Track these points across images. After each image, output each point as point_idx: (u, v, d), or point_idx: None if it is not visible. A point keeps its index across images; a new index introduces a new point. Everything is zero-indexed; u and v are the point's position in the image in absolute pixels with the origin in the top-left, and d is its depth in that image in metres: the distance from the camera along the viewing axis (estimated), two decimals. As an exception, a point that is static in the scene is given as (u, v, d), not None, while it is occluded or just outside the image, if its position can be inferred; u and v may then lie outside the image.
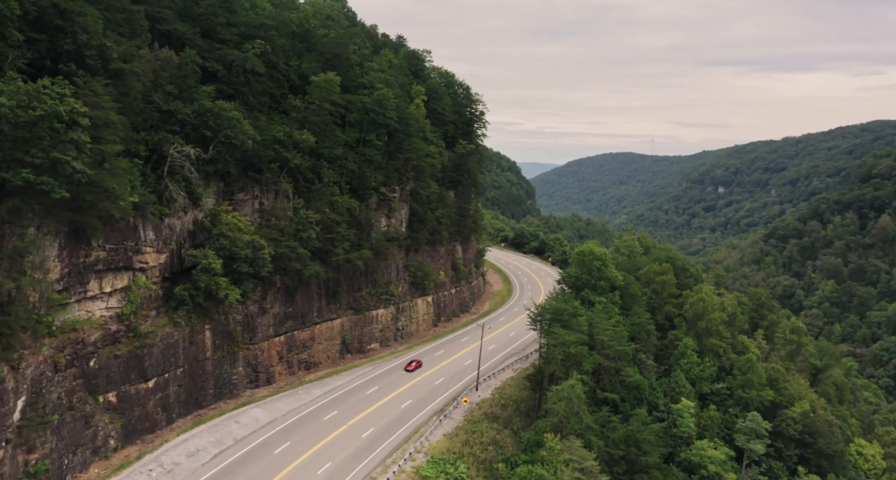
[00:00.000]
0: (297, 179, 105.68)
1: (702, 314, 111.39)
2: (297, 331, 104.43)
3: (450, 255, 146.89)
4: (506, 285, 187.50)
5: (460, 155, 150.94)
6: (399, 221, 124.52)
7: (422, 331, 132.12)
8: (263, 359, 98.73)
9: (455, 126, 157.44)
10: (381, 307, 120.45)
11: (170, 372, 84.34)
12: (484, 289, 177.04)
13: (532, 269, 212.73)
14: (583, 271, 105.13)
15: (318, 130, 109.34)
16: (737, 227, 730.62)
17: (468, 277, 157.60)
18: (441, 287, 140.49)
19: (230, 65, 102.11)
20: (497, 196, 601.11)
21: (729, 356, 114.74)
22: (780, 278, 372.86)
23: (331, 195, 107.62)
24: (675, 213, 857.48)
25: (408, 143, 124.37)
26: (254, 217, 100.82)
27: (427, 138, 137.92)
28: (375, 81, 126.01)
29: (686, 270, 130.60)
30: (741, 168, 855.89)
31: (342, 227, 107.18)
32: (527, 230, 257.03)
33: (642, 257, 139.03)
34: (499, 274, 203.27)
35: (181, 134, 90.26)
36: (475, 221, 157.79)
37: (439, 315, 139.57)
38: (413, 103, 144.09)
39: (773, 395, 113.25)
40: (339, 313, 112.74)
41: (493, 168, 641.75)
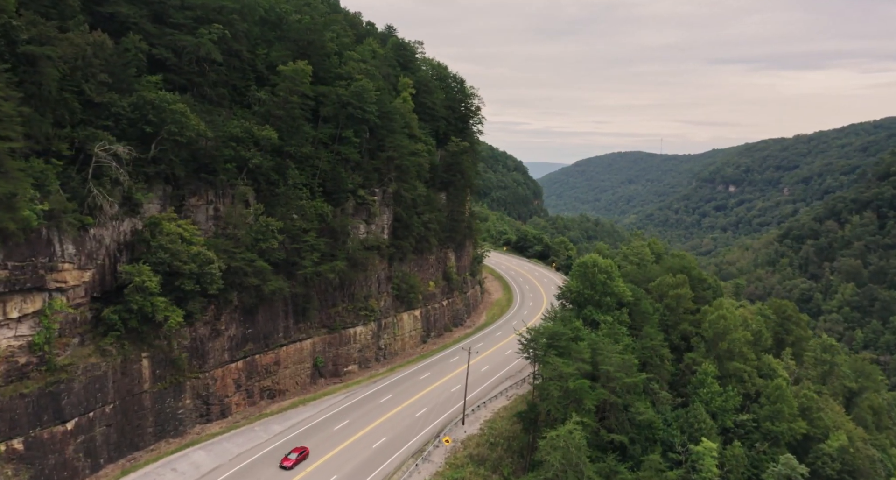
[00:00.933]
0: (258, 181, 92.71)
1: (723, 333, 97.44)
2: (258, 355, 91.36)
3: (441, 263, 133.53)
4: (506, 294, 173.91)
5: (452, 153, 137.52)
6: (380, 227, 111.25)
7: (408, 349, 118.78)
8: (216, 389, 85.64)
9: (447, 122, 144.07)
10: (360, 325, 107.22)
11: (96, 410, 71.41)
12: (481, 298, 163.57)
13: (535, 275, 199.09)
14: (585, 286, 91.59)
15: (284, 126, 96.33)
16: (749, 226, 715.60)
17: (462, 286, 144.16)
18: (430, 300, 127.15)
19: (181, 52, 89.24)
20: (503, 196, 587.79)
21: (754, 380, 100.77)
22: (797, 281, 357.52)
23: (298, 199, 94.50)
24: (685, 212, 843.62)
25: (390, 140, 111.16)
26: (208, 226, 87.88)
27: (414, 135, 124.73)
28: (354, 72, 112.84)
29: (703, 280, 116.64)
30: (752, 166, 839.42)
31: (311, 235, 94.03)
32: (530, 233, 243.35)
33: (653, 265, 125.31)
34: (499, 281, 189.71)
35: (116, 130, 77.57)
36: (470, 225, 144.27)
37: (428, 331, 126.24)
38: (399, 97, 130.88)
39: (807, 427, 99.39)
40: (310, 332, 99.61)
41: (498, 168, 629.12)
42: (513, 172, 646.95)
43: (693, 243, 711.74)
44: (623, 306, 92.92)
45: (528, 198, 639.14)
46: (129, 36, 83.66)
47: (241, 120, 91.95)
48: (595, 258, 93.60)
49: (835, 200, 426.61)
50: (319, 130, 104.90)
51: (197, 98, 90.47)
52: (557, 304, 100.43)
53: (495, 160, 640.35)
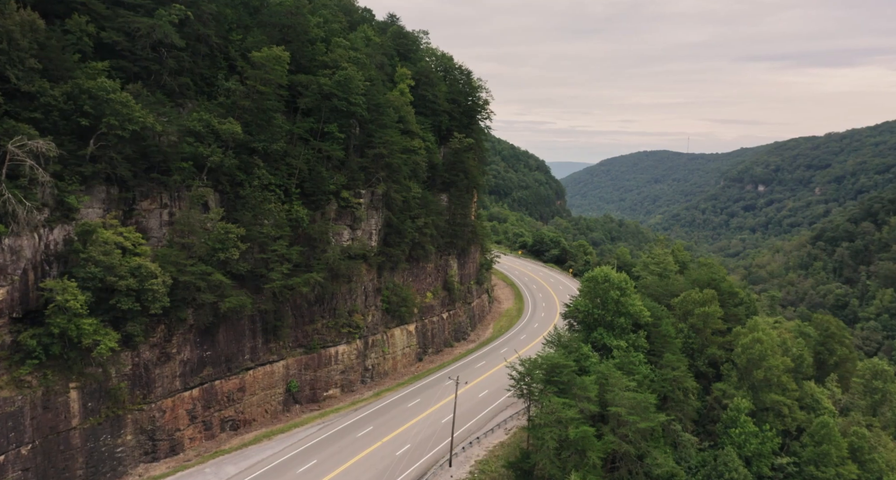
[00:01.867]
0: (220, 182, 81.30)
1: (758, 360, 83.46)
2: (218, 381, 79.84)
3: (440, 272, 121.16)
4: (517, 303, 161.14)
5: (455, 151, 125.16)
6: (367, 233, 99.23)
7: (400, 369, 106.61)
8: (165, 422, 74.18)
9: (451, 117, 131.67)
10: (343, 343, 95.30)
11: (9, 453, 60.34)
12: (489, 308, 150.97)
13: (550, 282, 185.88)
14: (595, 304, 78.62)
15: (252, 119, 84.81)
16: (779, 227, 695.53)
17: (466, 297, 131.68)
18: (428, 312, 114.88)
19: (134, 35, 78.13)
20: (524, 197, 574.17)
21: (795, 414, 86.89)
22: (832, 286, 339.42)
23: (266, 202, 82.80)
24: (712, 212, 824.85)
25: (379, 135, 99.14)
26: (162, 233, 76.60)
27: (410, 131, 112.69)
28: (342, 60, 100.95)
29: (734, 294, 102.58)
30: (782, 165, 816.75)
31: (281, 243, 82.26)
32: (547, 236, 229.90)
33: (677, 276, 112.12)
34: (510, 289, 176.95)
35: (47, 123, 66.89)
36: (475, 229, 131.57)
37: (425, 347, 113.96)
38: (396, 89, 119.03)
39: (858, 472, 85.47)
40: (283, 353, 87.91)
41: (520, 167, 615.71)
42: (534, 171, 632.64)
43: (721, 245, 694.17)
44: (640, 327, 79.75)
45: (551, 198, 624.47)
46: (73, 17, 73.29)
47: (201, 112, 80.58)
48: (607, 272, 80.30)
49: (871, 200, 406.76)
50: (297, 123, 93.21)
51: (152, 88, 79.26)
52: (563, 324, 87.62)
53: (517, 159, 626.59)
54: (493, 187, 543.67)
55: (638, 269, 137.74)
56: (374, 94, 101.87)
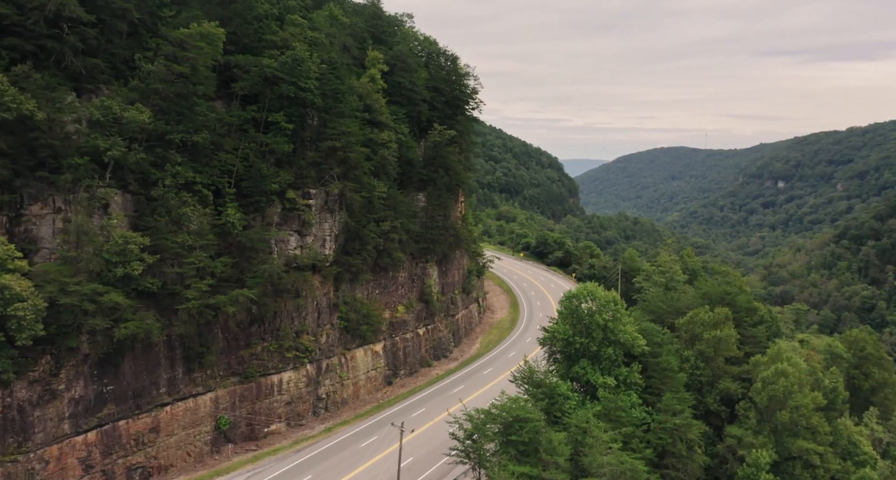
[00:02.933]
0: (128, 181, 67.67)
1: (783, 398, 67.79)
2: (124, 420, 66.16)
3: (416, 282, 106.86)
4: (511, 313, 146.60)
5: (434, 144, 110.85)
6: (320, 239, 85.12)
7: (364, 396, 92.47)
8: (49, 474, 60.56)
9: (432, 107, 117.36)
10: (289, 369, 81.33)
11: None
12: (479, 319, 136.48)
13: (550, 287, 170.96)
14: (576, 330, 63.70)
15: (171, 107, 71.13)
16: (800, 224, 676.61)
17: (449, 309, 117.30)
18: (399, 329, 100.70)
19: (24, 9, 64.96)
20: (535, 195, 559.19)
21: (829, 464, 71.08)
22: (857, 287, 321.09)
23: (183, 205, 68.92)
24: (730, 209, 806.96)
25: (333, 125, 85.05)
26: (55, 243, 63.13)
27: (378, 121, 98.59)
28: (294, 40, 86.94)
29: (753, 310, 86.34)
30: (803, 161, 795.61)
31: (200, 255, 68.33)
32: (550, 237, 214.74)
33: (685, 288, 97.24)
34: (507, 295, 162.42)
35: None
36: (457, 233, 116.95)
37: (396, 369, 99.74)
38: (365, 74, 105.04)
39: (908, 537, 70.50)
40: (211, 383, 74.09)
41: (532, 165, 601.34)
42: (547, 168, 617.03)
43: (740, 243, 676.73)
44: (634, 359, 64.73)
45: (563, 196, 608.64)
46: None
47: (104, 98, 67.06)
48: (592, 290, 64.94)
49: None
50: (233, 111, 79.38)
51: (48, 69, 65.86)
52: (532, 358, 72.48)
53: (528, 157, 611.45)
54: (503, 186, 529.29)
55: (639, 279, 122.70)
56: (330, 78, 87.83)
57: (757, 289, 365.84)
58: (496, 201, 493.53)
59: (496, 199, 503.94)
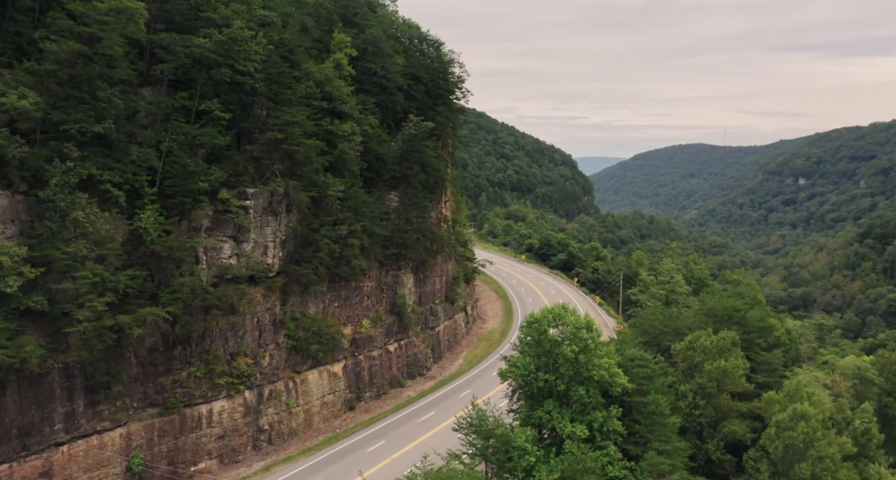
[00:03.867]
0: (10, 179, 56.73)
1: (803, 447, 54.85)
2: (6, 464, 55.15)
3: (385, 292, 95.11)
4: (504, 321, 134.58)
5: (409, 138, 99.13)
6: (261, 246, 73.69)
7: (318, 424, 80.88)
8: None
9: (408, 96, 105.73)
10: (221, 398, 69.97)
11: None
12: (467, 330, 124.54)
13: (550, 293, 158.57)
14: (539, 364, 51.20)
15: (70, 92, 60.14)
16: (821, 222, 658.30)
17: (427, 320, 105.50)
18: (364, 346, 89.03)
19: None
20: (548, 193, 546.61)
21: (858, 528, 58.68)
22: (883, 289, 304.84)
23: (76, 208, 57.68)
24: (750, 207, 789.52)
25: (277, 114, 73.64)
26: (-81, 253, 52.18)
27: (340, 111, 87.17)
28: (237, 18, 75.58)
29: (769, 329, 72.32)
30: (824, 157, 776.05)
31: (94, 267, 57.08)
32: (554, 239, 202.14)
33: (689, 301, 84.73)
34: (502, 302, 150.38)
35: None
36: (435, 237, 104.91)
37: (360, 391, 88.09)
38: (329, 59, 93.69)
39: None
40: (121, 417, 62.86)
41: (544, 163, 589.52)
42: (560, 166, 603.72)
43: (759, 241, 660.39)
44: (614, 401, 51.97)
45: (577, 194, 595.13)
46: None
47: None
48: (560, 314, 52.21)
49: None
50: (154, 99, 68.15)
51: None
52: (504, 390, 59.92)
53: (541, 154, 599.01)
54: (514, 184, 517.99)
55: (634, 291, 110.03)
56: (276, 61, 76.48)
57: (776, 291, 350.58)
58: (507, 200, 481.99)
59: (507, 197, 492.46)
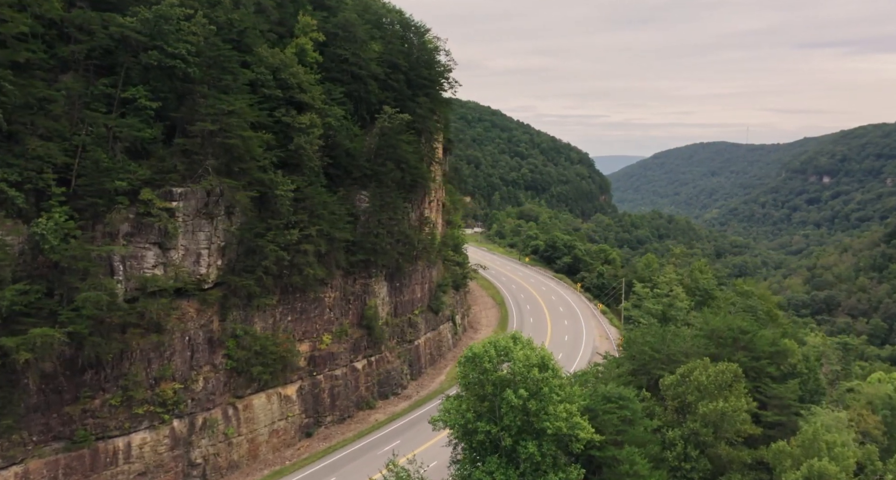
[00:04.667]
0: None
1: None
2: None
3: (352, 303, 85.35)
4: (497, 331, 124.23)
5: (382, 131, 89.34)
6: (193, 254, 64.30)
7: (265, 456, 71.34)
8: None
9: (385, 87, 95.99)
10: (142, 429, 60.67)
11: None
12: (455, 342, 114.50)
13: (550, 300, 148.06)
14: (481, 409, 40.45)
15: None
16: (846, 222, 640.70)
17: (405, 333, 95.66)
18: (324, 364, 79.37)
19: None
20: (564, 192, 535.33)
21: None
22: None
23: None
24: (772, 206, 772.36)
25: (212, 102, 64.20)
26: None
27: (299, 102, 77.72)
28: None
29: (783, 354, 60.62)
30: (849, 155, 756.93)
31: (-31, 282, 47.99)
32: (559, 240, 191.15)
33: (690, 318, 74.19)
34: (498, 309, 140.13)
35: None
36: (411, 241, 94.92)
37: (319, 416, 78.41)
38: (292, 44, 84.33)
39: None
40: (17, 453, 53.72)
41: (560, 161, 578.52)
42: (576, 165, 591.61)
43: (782, 241, 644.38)
44: (578, 458, 41.25)
45: (593, 193, 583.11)
46: None
47: None
48: (505, 346, 41.67)
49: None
50: (61, 84, 59.04)
51: None
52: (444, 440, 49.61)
53: (557, 153, 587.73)
54: (528, 183, 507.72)
55: (627, 306, 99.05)
56: (217, 44, 67.10)
57: (799, 293, 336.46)
58: (521, 199, 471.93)
59: (521, 196, 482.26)
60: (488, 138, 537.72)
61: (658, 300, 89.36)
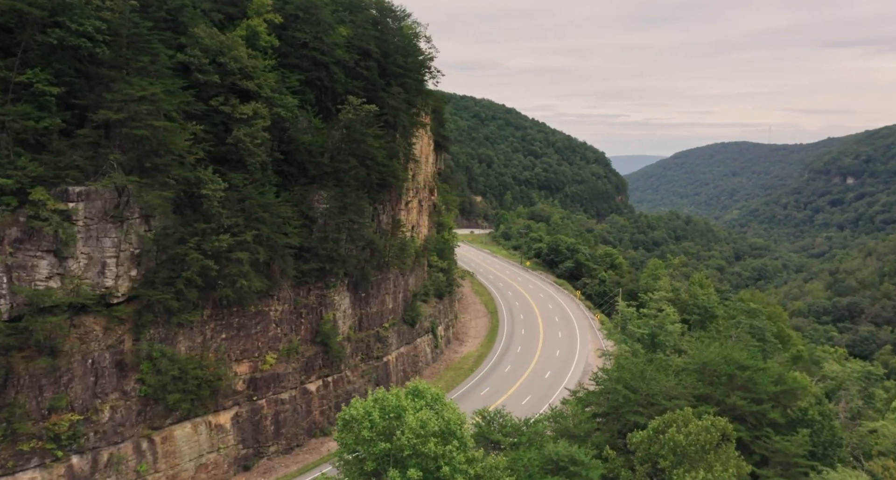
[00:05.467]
0: None
1: None
2: None
3: (305, 317, 75.86)
4: (485, 343, 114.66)
5: (345, 124, 79.90)
6: (97, 263, 55.16)
7: (190, 495, 62.25)
8: None
9: (353, 76, 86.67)
10: (30, 468, 51.39)
11: None
12: (435, 355, 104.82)
13: (547, 309, 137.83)
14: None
15: None
16: (871, 224, 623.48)
17: (371, 349, 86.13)
18: (267, 387, 69.98)
19: None
20: (578, 192, 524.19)
21: None
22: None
23: None
24: (794, 207, 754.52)
25: (120, 87, 55.04)
26: None
27: (243, 89, 68.62)
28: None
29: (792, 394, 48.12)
30: (874, 156, 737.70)
31: None
32: (563, 243, 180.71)
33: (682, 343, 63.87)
34: (489, 318, 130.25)
35: None
36: (374, 245, 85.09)
37: (260, 446, 69.08)
38: (242, 25, 75.30)
39: None
40: None
41: (575, 160, 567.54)
42: (592, 164, 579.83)
43: (803, 243, 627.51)
44: None
45: (610, 193, 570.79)
46: None
47: None
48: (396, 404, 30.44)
49: None
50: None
51: None
52: None
53: (572, 152, 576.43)
54: (542, 182, 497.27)
55: (608, 328, 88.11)
56: (135, 21, 58.01)
57: (820, 299, 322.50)
58: (534, 199, 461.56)
59: (535, 196, 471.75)
60: (502, 137, 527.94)
61: (645, 321, 77.97)
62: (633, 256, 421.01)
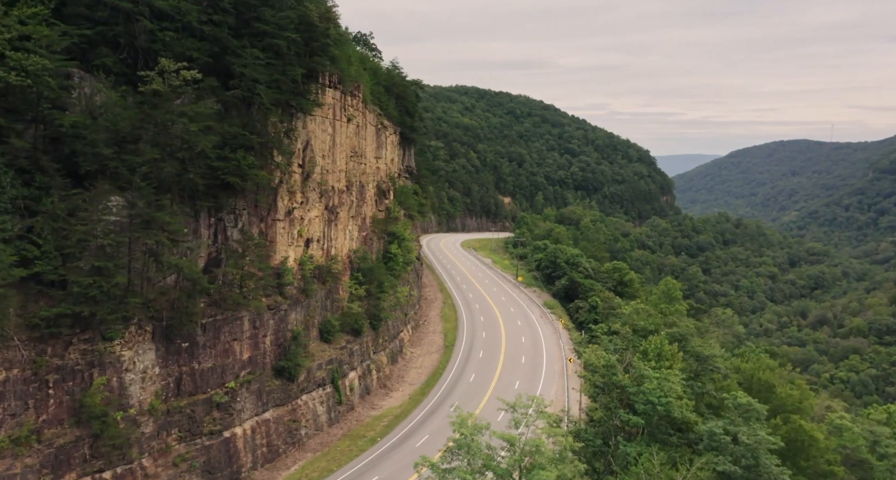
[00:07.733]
0: None
1: None
2: None
3: (55, 387, 50.40)
4: (417, 394, 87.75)
5: (145, 99, 54.47)
6: None
7: None
8: None
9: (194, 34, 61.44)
10: None
11: None
12: (338, 416, 78.33)
13: (519, 342, 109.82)
14: None
15: None
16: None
17: (201, 423, 60.33)
18: None
19: None
20: (619, 192, 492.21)
21: None
22: None
23: None
24: (857, 209, 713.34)
25: None
26: None
27: None
28: None
29: None
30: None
31: None
32: (562, 256, 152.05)
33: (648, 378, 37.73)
34: (439, 354, 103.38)
35: None
36: (193, 276, 59.09)
37: None
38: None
39: None
40: None
41: (616, 158, 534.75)
42: (635, 163, 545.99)
43: (867, 248, 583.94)
44: None
45: (653, 194, 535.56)
46: None
47: None
48: None
49: None
50: None
51: None
52: None
53: (613, 150, 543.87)
54: (579, 182, 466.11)
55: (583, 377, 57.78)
56: None
57: (882, 316, 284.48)
58: (569, 200, 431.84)
59: (570, 197, 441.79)
60: (537, 134, 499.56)
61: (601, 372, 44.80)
62: (672, 263, 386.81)
